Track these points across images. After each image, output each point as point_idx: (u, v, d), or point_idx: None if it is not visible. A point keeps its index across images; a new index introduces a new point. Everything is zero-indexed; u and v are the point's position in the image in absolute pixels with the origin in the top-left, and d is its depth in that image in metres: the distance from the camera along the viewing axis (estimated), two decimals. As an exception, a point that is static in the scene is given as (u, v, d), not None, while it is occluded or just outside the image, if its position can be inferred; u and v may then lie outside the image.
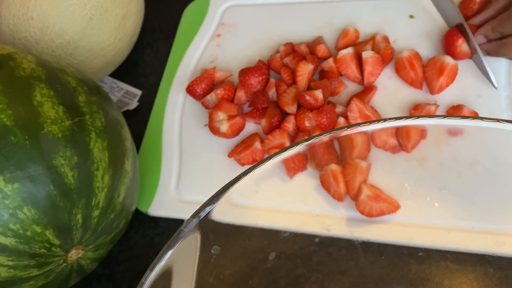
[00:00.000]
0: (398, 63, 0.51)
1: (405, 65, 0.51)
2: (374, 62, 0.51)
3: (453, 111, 0.48)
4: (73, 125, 0.39)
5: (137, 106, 0.59)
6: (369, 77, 0.51)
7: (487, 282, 0.38)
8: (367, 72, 0.51)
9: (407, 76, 0.51)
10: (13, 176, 0.35)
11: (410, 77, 0.51)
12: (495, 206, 0.39)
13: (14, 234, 0.35)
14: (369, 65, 0.51)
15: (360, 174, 0.43)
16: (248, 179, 0.31)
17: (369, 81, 0.51)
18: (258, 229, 0.39)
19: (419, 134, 0.44)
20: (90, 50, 0.53)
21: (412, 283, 0.39)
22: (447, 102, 0.49)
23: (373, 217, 0.42)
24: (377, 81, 0.52)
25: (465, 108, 0.47)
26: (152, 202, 0.51)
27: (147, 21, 0.64)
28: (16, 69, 0.39)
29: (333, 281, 0.39)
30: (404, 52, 0.51)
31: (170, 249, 0.28)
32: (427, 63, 0.50)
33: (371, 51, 0.51)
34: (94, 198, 0.39)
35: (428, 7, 0.55)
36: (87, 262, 0.41)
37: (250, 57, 0.58)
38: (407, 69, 0.51)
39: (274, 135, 0.49)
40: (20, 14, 0.51)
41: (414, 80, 0.50)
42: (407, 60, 0.51)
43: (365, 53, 0.51)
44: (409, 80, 0.51)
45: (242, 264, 0.37)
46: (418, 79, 0.50)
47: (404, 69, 0.51)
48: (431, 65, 0.50)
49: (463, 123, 0.31)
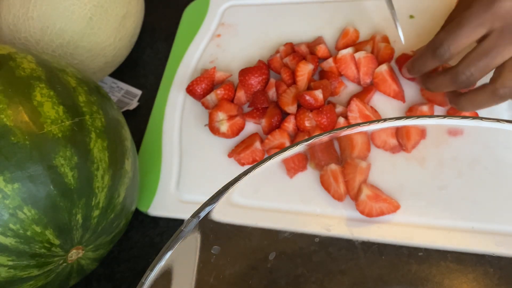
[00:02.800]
0: (377, 77, 0.50)
1: (385, 79, 0.50)
2: (367, 62, 0.50)
3: (454, 111, 0.48)
4: (73, 125, 0.39)
5: (137, 106, 0.59)
6: (364, 77, 0.51)
7: (487, 282, 0.38)
8: (362, 73, 0.51)
9: (389, 89, 0.50)
10: (13, 176, 0.35)
11: (392, 90, 0.50)
12: (495, 206, 0.39)
13: (14, 234, 0.35)
14: (363, 65, 0.51)
15: (360, 174, 0.43)
16: (248, 179, 0.31)
17: (365, 81, 0.51)
18: (258, 229, 0.39)
19: (419, 134, 0.44)
20: (90, 50, 0.53)
21: (412, 283, 0.39)
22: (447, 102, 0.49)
23: (373, 217, 0.42)
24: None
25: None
26: (152, 202, 0.51)
27: (147, 21, 0.64)
28: (16, 69, 0.39)
29: (333, 281, 0.39)
30: (382, 66, 0.50)
31: (170, 249, 0.28)
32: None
33: (363, 51, 0.51)
34: (94, 198, 0.39)
35: (428, 7, 0.55)
36: (87, 262, 0.41)
37: (250, 57, 0.58)
38: (388, 82, 0.50)
39: (274, 135, 0.49)
40: (20, 14, 0.51)
41: (396, 93, 0.50)
42: (387, 74, 0.50)
43: (358, 54, 0.51)
44: (391, 93, 0.50)
45: (242, 264, 0.37)
46: (401, 92, 0.50)
47: (385, 83, 0.50)
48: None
49: (463, 123, 0.31)
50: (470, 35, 0.42)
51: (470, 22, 0.42)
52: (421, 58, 0.46)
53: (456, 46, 0.42)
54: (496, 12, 0.40)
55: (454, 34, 0.42)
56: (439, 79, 0.45)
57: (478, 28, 0.41)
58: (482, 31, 0.41)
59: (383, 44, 0.52)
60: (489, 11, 0.40)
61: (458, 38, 0.42)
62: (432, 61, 0.45)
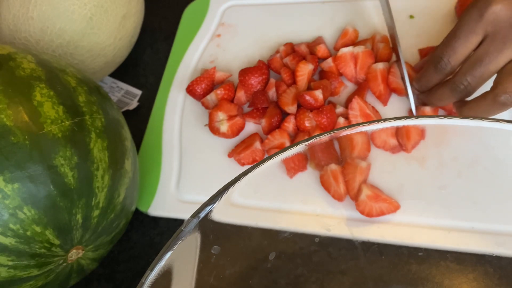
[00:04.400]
0: (370, 73, 0.50)
1: (376, 77, 0.50)
2: (365, 56, 0.50)
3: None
4: (73, 125, 0.39)
5: (137, 106, 0.59)
6: (360, 71, 0.51)
7: (487, 282, 0.38)
8: (358, 67, 0.51)
9: (376, 88, 0.50)
10: (13, 176, 0.35)
11: (378, 90, 0.50)
12: (495, 206, 0.39)
13: (14, 234, 0.35)
14: (360, 60, 0.51)
15: (360, 174, 0.43)
16: (248, 179, 0.31)
17: (360, 76, 0.51)
18: (258, 229, 0.39)
19: (419, 134, 0.44)
20: (90, 50, 0.53)
21: (412, 283, 0.39)
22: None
23: (373, 217, 0.42)
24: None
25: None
26: (152, 202, 0.51)
27: (147, 21, 0.64)
28: (16, 69, 0.39)
29: (333, 281, 0.39)
30: (379, 64, 0.50)
31: (170, 249, 0.28)
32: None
33: (362, 46, 0.51)
34: (94, 198, 0.39)
35: (428, 7, 0.55)
36: (87, 262, 0.41)
37: (250, 57, 0.58)
38: (378, 81, 0.50)
39: (274, 135, 0.49)
40: (20, 14, 0.51)
41: (381, 94, 0.50)
42: (380, 72, 0.50)
43: (357, 48, 0.51)
44: (376, 93, 0.50)
45: (242, 264, 0.37)
46: (386, 94, 0.50)
47: (375, 81, 0.50)
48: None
49: (463, 123, 0.31)
50: (466, 44, 0.41)
51: (463, 31, 0.41)
52: (425, 75, 0.46)
53: (455, 58, 0.42)
54: (487, 17, 0.40)
55: (450, 46, 0.42)
56: (439, 92, 0.45)
57: (472, 37, 0.41)
58: (477, 39, 0.41)
59: (381, 44, 0.52)
60: (480, 18, 0.40)
61: (455, 49, 0.42)
62: (436, 76, 0.45)
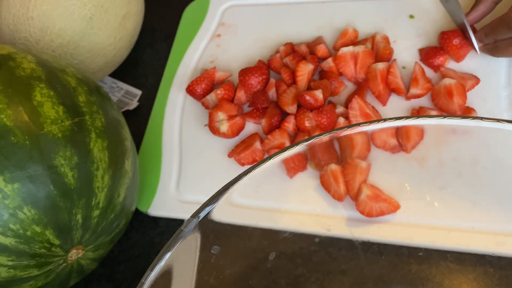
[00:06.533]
0: (370, 73, 0.50)
1: (376, 77, 0.50)
2: (365, 56, 0.50)
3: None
4: (73, 125, 0.39)
5: (137, 106, 0.59)
6: (360, 71, 0.51)
7: (487, 282, 0.38)
8: (358, 67, 0.51)
9: (376, 88, 0.50)
10: (13, 176, 0.35)
11: (377, 90, 0.50)
12: (495, 206, 0.39)
13: (14, 234, 0.35)
14: (360, 59, 0.50)
15: (360, 174, 0.43)
16: (248, 179, 0.31)
17: (360, 76, 0.51)
18: (258, 229, 0.39)
19: (419, 134, 0.44)
20: (90, 50, 0.53)
21: (412, 283, 0.39)
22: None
23: (373, 217, 0.42)
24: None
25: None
26: (152, 202, 0.51)
27: (147, 21, 0.64)
28: (16, 69, 0.39)
29: (333, 281, 0.39)
30: (379, 64, 0.50)
31: (170, 249, 0.28)
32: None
33: (362, 45, 0.51)
34: (94, 198, 0.39)
35: (428, 7, 0.55)
36: (87, 262, 0.41)
37: (250, 57, 0.58)
38: (377, 81, 0.50)
39: (274, 135, 0.49)
40: (20, 14, 0.51)
41: (380, 94, 0.50)
42: (379, 72, 0.50)
43: (357, 47, 0.51)
44: (376, 93, 0.50)
45: (242, 264, 0.37)
46: (385, 94, 0.50)
47: (374, 81, 0.50)
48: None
49: (463, 123, 0.31)
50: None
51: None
52: (496, 32, 0.48)
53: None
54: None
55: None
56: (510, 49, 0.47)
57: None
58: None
59: (382, 44, 0.52)
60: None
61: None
62: (509, 34, 0.47)
